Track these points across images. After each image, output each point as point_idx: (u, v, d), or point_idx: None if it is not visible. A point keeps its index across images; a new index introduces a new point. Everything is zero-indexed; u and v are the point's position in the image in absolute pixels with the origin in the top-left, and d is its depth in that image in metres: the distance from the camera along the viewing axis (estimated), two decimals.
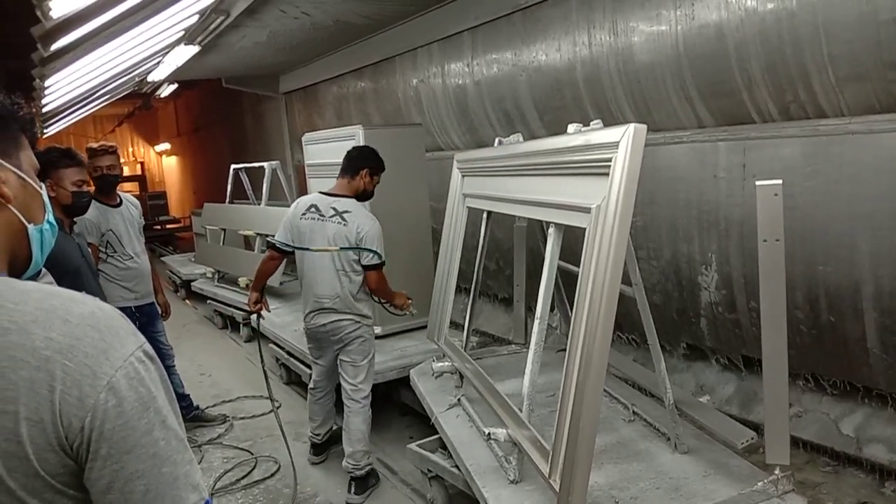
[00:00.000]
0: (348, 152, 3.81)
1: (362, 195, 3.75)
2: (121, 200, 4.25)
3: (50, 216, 1.06)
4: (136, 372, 0.85)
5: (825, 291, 3.56)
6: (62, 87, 6.43)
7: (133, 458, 0.83)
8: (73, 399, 0.80)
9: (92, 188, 3.66)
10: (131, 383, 0.84)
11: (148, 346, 0.90)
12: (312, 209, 3.67)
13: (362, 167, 3.71)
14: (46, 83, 5.74)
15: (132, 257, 4.18)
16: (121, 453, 0.82)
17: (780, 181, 2.27)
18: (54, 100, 7.38)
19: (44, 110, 8.32)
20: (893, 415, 3.48)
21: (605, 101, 4.53)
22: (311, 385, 4.07)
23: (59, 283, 0.96)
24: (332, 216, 3.60)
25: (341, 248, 3.58)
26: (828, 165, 3.42)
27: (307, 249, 3.68)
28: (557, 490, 2.19)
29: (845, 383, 3.69)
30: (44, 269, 1.13)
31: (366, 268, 3.60)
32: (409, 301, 3.90)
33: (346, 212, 3.61)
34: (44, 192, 1.06)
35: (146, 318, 4.34)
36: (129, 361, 0.85)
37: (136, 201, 4.46)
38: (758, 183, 2.31)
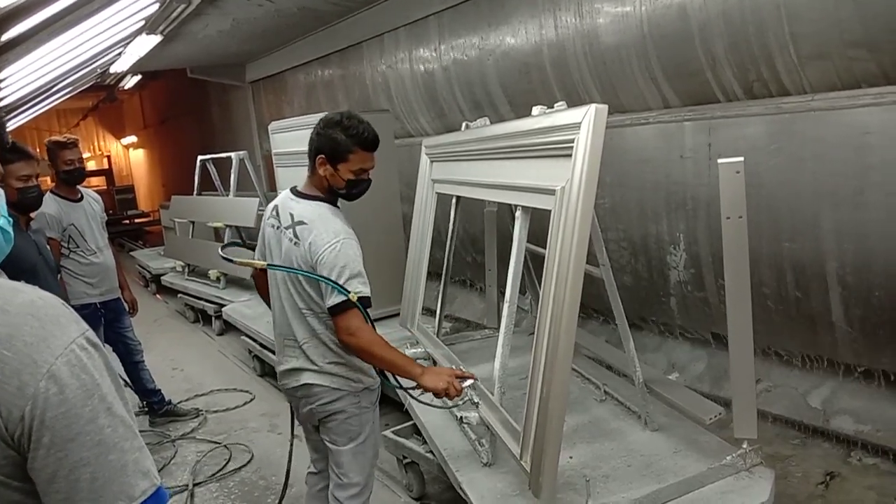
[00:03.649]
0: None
1: (337, 192, 2.43)
2: (82, 195, 4.16)
3: (2, 221, 1.04)
4: (79, 359, 0.84)
5: (791, 267, 3.61)
6: (19, 79, 6.25)
7: (77, 446, 0.81)
8: (13, 388, 0.79)
9: (43, 182, 3.55)
10: (73, 371, 0.82)
11: (91, 334, 0.88)
12: (274, 213, 2.51)
13: (317, 153, 2.40)
14: (1, 75, 5.57)
15: (95, 252, 4.09)
16: (64, 441, 0.81)
17: (741, 159, 2.29)
18: (11, 93, 7.17)
19: (0, 104, 8.09)
20: (859, 387, 3.56)
21: (573, 84, 4.52)
22: (308, 467, 2.77)
23: None
24: (287, 227, 2.40)
25: (271, 266, 2.41)
26: (792, 143, 3.46)
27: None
28: (528, 470, 2.20)
29: (812, 357, 3.76)
30: None
31: (330, 310, 2.25)
32: (461, 382, 2.29)
33: (300, 223, 2.36)
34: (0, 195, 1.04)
35: (112, 314, 4.27)
36: (71, 349, 0.83)
37: (98, 196, 4.37)
38: (720, 161, 2.33)
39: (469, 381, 2.33)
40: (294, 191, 2.50)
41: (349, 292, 2.19)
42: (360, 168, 2.38)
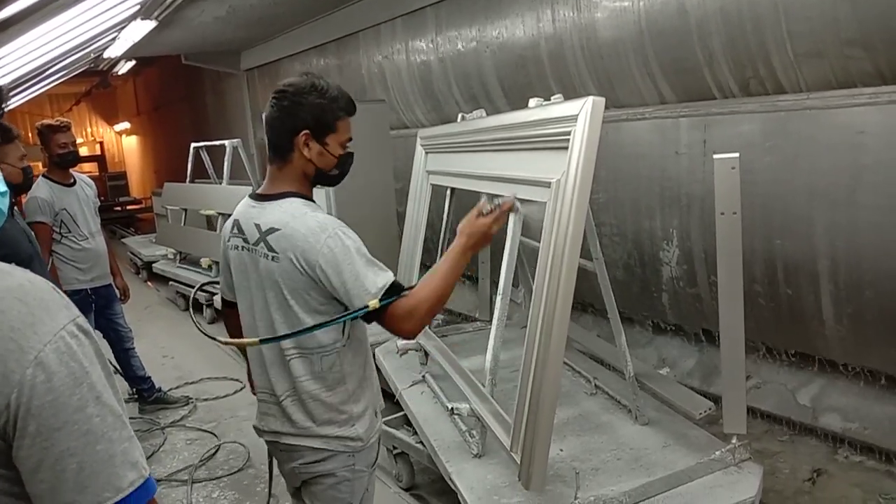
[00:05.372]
0: (268, 110, 1.86)
1: (325, 176, 1.92)
2: (74, 180, 4.12)
3: None
4: (68, 346, 0.81)
5: (783, 265, 3.62)
6: (11, 62, 6.19)
7: (64, 436, 0.79)
8: None
9: (35, 167, 3.50)
10: (62, 358, 0.80)
11: (82, 320, 0.86)
12: (235, 230, 1.93)
13: (298, 130, 1.81)
14: None
15: (87, 237, 4.06)
16: (51, 430, 0.79)
17: (736, 154, 2.29)
18: (2, 76, 7.11)
19: None
20: (847, 385, 3.58)
21: (569, 78, 4.52)
22: None
23: None
24: (256, 242, 1.84)
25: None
26: (786, 141, 3.46)
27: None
28: (519, 462, 2.20)
29: (802, 354, 3.78)
30: None
31: (373, 316, 1.75)
32: (489, 207, 1.89)
33: (270, 231, 1.80)
34: None
35: (103, 301, 4.24)
36: (60, 335, 0.81)
37: (91, 181, 4.33)
38: (715, 156, 2.33)
39: (496, 201, 1.89)
40: (253, 196, 1.94)
41: (367, 307, 1.68)
42: (347, 138, 1.90)
